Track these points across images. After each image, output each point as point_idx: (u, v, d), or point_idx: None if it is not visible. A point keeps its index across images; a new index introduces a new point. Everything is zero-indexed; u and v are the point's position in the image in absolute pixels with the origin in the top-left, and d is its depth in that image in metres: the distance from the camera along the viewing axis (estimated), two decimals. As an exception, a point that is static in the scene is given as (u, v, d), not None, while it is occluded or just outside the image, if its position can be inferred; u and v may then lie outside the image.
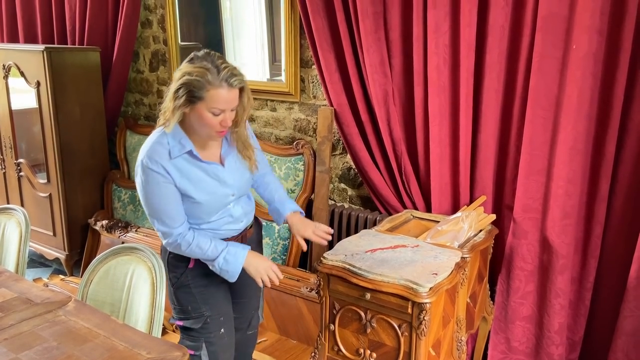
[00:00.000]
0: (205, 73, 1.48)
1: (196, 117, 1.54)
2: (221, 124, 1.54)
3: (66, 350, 1.39)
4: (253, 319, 1.99)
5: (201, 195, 1.62)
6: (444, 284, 1.62)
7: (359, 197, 2.81)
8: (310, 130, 2.88)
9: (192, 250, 1.63)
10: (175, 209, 1.60)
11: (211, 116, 1.52)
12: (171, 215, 1.60)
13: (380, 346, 1.67)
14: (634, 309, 1.99)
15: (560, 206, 2.02)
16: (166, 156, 1.57)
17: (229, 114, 1.54)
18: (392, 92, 2.35)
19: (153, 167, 1.55)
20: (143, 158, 1.57)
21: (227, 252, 1.64)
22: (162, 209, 1.60)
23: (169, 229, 1.60)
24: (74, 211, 3.30)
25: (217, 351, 1.75)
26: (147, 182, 1.57)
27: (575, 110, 1.91)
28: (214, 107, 1.50)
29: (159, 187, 1.57)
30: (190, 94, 1.49)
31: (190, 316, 1.73)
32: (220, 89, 1.49)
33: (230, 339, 1.82)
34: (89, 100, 3.28)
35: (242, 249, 1.67)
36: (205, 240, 1.64)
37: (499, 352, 2.28)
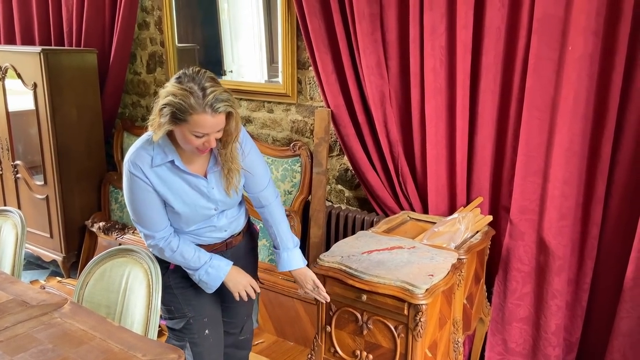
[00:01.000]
0: (188, 97, 1.42)
1: (180, 136, 1.51)
2: (204, 145, 1.51)
3: (62, 352, 1.39)
4: (246, 324, 1.98)
5: (180, 206, 1.61)
6: (440, 285, 1.62)
7: (356, 198, 2.81)
8: (307, 131, 2.88)
9: (174, 257, 1.64)
10: (157, 214, 1.61)
11: (194, 138, 1.48)
12: (153, 220, 1.61)
13: (376, 348, 1.67)
14: (631, 309, 1.99)
15: (557, 207, 2.02)
16: (148, 162, 1.55)
17: (213, 135, 1.50)
18: (389, 94, 2.36)
19: (134, 172, 1.55)
20: (127, 162, 1.57)
21: (209, 266, 1.66)
22: (144, 212, 1.60)
23: (150, 232, 1.61)
24: (70, 213, 3.30)
25: (202, 352, 1.76)
26: (130, 185, 1.57)
27: (571, 112, 1.91)
28: (196, 131, 1.46)
29: (141, 192, 1.57)
30: (174, 115, 1.45)
31: (174, 316, 1.74)
32: (204, 114, 1.44)
33: (217, 340, 1.81)
34: (86, 102, 3.28)
35: (225, 264, 1.69)
36: (189, 249, 1.64)
37: (496, 354, 2.28)
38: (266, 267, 2.68)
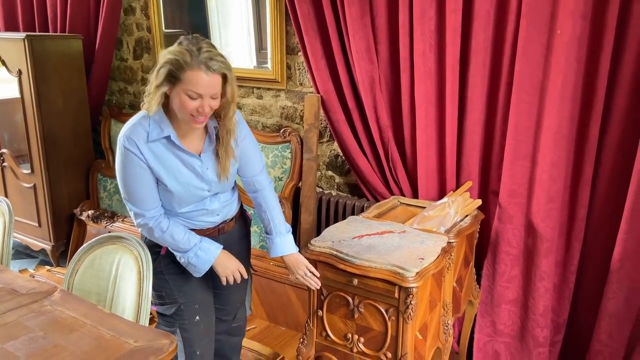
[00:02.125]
0: (184, 54, 1.44)
1: (175, 101, 1.50)
2: (198, 110, 1.49)
3: (52, 340, 1.38)
4: (239, 311, 1.98)
5: (174, 185, 1.61)
6: (430, 268, 1.64)
7: (347, 184, 2.81)
8: (297, 117, 2.87)
9: (164, 238, 1.63)
10: (149, 192, 1.60)
11: (188, 100, 1.47)
12: (144, 198, 1.60)
13: (367, 331, 1.68)
14: (617, 290, 2.03)
15: (545, 190, 2.04)
16: (144, 138, 1.54)
17: (207, 100, 1.49)
18: (379, 79, 2.35)
19: (129, 147, 1.54)
20: (121, 137, 1.56)
21: (199, 248, 1.65)
22: (136, 189, 1.59)
23: (141, 210, 1.61)
24: (58, 201, 3.27)
25: (191, 338, 1.76)
26: (123, 161, 1.56)
27: (560, 95, 1.92)
28: (191, 90, 1.46)
29: (134, 168, 1.56)
30: (169, 74, 1.46)
31: (164, 302, 1.74)
32: (198, 71, 1.44)
33: (208, 326, 1.82)
34: (72, 89, 3.23)
35: (215, 248, 1.68)
36: (179, 230, 1.64)
37: (485, 335, 2.31)
38: (258, 254, 2.68)
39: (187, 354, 1.76)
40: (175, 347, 1.37)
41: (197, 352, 1.79)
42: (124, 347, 1.35)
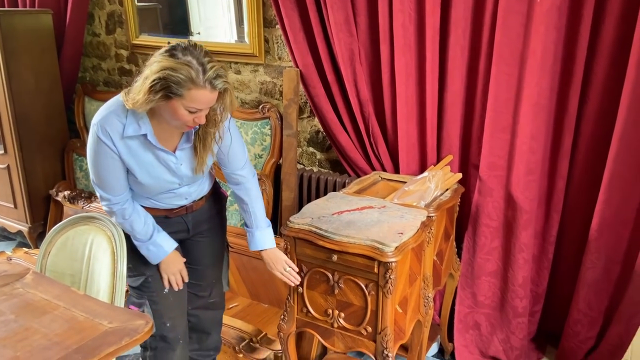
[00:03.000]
0: (189, 71, 1.37)
1: (169, 111, 1.44)
2: (194, 121, 1.47)
3: (24, 323, 1.35)
4: (215, 288, 1.97)
5: (145, 178, 1.59)
6: (410, 242, 1.63)
7: (328, 160, 2.78)
8: (277, 93, 2.81)
9: (123, 224, 1.65)
10: (117, 180, 1.58)
11: (186, 113, 1.43)
12: (113, 186, 1.58)
13: (348, 306, 1.68)
14: (596, 260, 2.05)
15: (524, 162, 2.04)
16: (119, 131, 1.50)
17: (204, 111, 1.47)
18: (358, 51, 2.30)
19: (102, 138, 1.50)
20: (96, 124, 1.51)
21: (151, 243, 1.66)
22: (105, 177, 1.57)
23: (107, 195, 1.60)
24: (34, 182, 3.19)
25: (160, 310, 1.76)
26: (95, 149, 1.53)
27: (539, 66, 1.90)
28: (191, 107, 1.42)
29: (105, 158, 1.53)
30: (168, 90, 1.39)
31: (132, 274, 1.73)
32: (203, 89, 1.39)
33: (178, 299, 1.81)
34: (43, 66, 3.12)
35: (168, 246, 1.69)
36: (139, 221, 1.64)
37: (466, 307, 2.33)
38: (238, 232, 2.66)
39: (156, 325, 1.75)
40: (151, 328, 1.34)
41: (166, 324, 1.78)
42: (98, 329, 1.33)
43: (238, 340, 2.22)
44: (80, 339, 1.28)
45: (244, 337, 2.24)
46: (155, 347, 1.79)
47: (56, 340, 1.28)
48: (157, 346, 1.79)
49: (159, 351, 1.80)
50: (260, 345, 2.21)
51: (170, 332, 1.79)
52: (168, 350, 1.81)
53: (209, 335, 2.02)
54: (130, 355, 2.38)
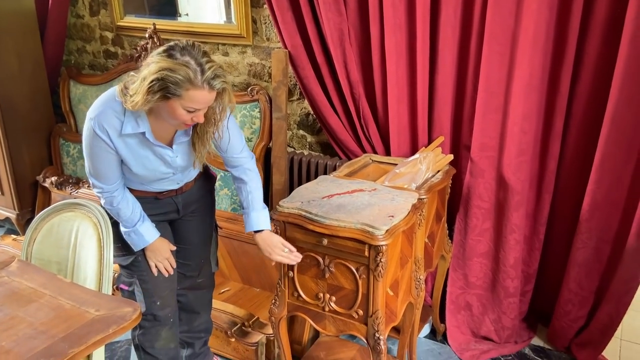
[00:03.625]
0: (187, 71, 1.37)
1: (167, 110, 1.45)
2: (192, 119, 1.48)
3: (9, 312, 1.33)
4: (203, 268, 1.97)
5: (140, 170, 1.61)
6: (401, 225, 1.61)
7: (319, 143, 2.75)
8: (266, 75, 2.76)
9: (111, 210, 1.66)
10: (111, 172, 1.59)
11: (185, 113, 1.44)
12: (106, 176, 1.60)
13: (339, 289, 1.67)
14: (587, 240, 2.05)
15: (516, 143, 2.02)
16: (117, 128, 1.50)
17: (203, 110, 1.47)
18: (348, 31, 2.25)
19: (99, 133, 1.50)
20: (92, 119, 1.50)
21: (133, 232, 1.67)
22: (99, 168, 1.58)
23: (100, 184, 1.61)
24: (20, 168, 3.14)
25: (150, 289, 1.77)
26: (90, 142, 1.53)
27: (531, 45, 1.87)
28: (190, 107, 1.42)
29: (100, 151, 1.54)
30: (167, 90, 1.38)
31: (122, 253, 1.73)
32: (201, 90, 1.40)
33: (167, 278, 1.80)
34: (26, 49, 3.05)
35: (148, 237, 1.68)
36: (126, 210, 1.65)
37: (457, 288, 2.34)
38: (229, 217, 2.64)
39: (147, 304, 1.77)
40: (139, 315, 1.33)
41: (157, 303, 1.79)
42: (84, 317, 1.31)
43: (230, 324, 2.22)
44: (67, 328, 1.26)
45: (236, 321, 2.23)
46: (145, 325, 1.80)
47: (42, 329, 1.26)
48: (147, 325, 1.80)
49: (148, 329, 1.81)
50: (252, 330, 2.20)
51: (160, 311, 1.80)
52: (157, 328, 1.82)
53: (198, 315, 2.02)
54: (121, 341, 2.38)
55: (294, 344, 2.19)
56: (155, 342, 1.83)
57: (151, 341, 1.83)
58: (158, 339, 1.83)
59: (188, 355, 2.08)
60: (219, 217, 1.98)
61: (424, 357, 2.29)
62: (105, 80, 3.08)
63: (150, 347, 1.84)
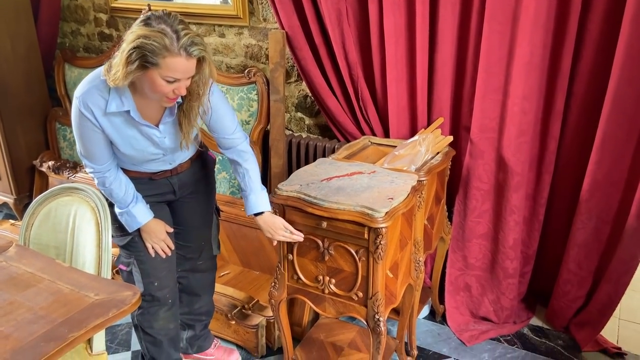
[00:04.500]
0: (162, 38, 1.34)
1: (148, 82, 1.42)
2: (174, 92, 1.44)
3: (8, 297, 1.32)
4: (204, 250, 1.96)
5: (128, 150, 1.59)
6: (400, 207, 1.60)
7: (317, 125, 2.73)
8: (263, 56, 2.73)
9: (104, 191, 1.65)
10: (101, 151, 1.58)
11: (164, 83, 1.41)
12: (96, 156, 1.58)
13: (338, 272, 1.67)
14: (586, 220, 2.05)
15: (516, 124, 2.00)
16: (101, 107, 1.48)
17: (183, 82, 1.44)
18: (346, 11, 2.22)
19: (84, 112, 1.49)
20: (78, 97, 1.49)
21: (127, 213, 1.66)
22: (89, 148, 1.57)
23: (91, 164, 1.61)
24: (16, 153, 3.12)
25: (147, 269, 1.77)
26: (78, 122, 1.52)
27: (532, 23, 1.84)
28: (168, 76, 1.39)
29: (87, 131, 1.52)
30: (144, 59, 1.36)
31: (119, 234, 1.73)
32: (178, 57, 1.37)
33: (166, 261, 1.80)
34: (19, 32, 3.00)
35: (141, 219, 1.67)
36: (119, 191, 1.64)
37: (457, 270, 2.34)
38: (227, 200, 2.63)
39: (145, 284, 1.77)
40: (138, 299, 1.32)
41: (154, 283, 1.79)
42: (84, 301, 1.31)
43: (230, 307, 2.22)
44: (66, 312, 1.26)
45: (236, 304, 2.24)
46: (143, 305, 1.80)
47: (41, 313, 1.26)
48: (145, 305, 1.80)
49: (146, 309, 1.82)
50: (252, 312, 2.21)
51: (158, 291, 1.81)
52: (156, 309, 1.83)
53: (199, 298, 2.03)
54: (122, 325, 2.39)
55: (294, 326, 2.20)
56: (154, 322, 1.84)
57: (150, 321, 1.84)
58: (157, 319, 1.84)
59: (189, 337, 2.09)
60: (217, 200, 1.97)
61: (424, 338, 2.30)
62: (101, 62, 3.03)
63: (149, 327, 1.85)
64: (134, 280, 1.76)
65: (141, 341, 1.89)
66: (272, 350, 2.23)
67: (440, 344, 2.27)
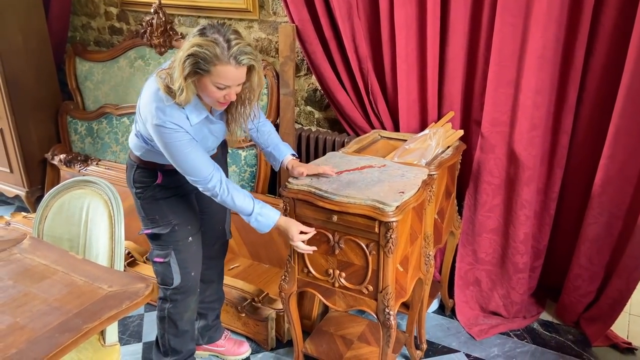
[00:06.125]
0: (214, 47, 1.42)
1: (201, 88, 1.51)
2: (225, 98, 1.52)
3: (22, 288, 1.34)
4: (220, 234, 2.00)
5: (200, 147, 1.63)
6: (411, 201, 1.60)
7: (327, 119, 2.73)
8: (272, 50, 2.73)
9: (224, 201, 1.61)
10: (202, 158, 1.57)
11: (215, 89, 1.49)
12: (201, 167, 1.56)
13: (349, 266, 1.67)
14: (598, 215, 2.04)
15: (528, 118, 1.99)
16: (186, 122, 1.53)
17: (234, 89, 1.51)
18: (356, 4, 2.21)
19: (173, 128, 1.51)
20: (160, 122, 1.50)
21: (259, 214, 1.65)
22: (191, 162, 1.55)
23: (203, 178, 1.57)
24: (28, 146, 3.15)
25: (186, 259, 1.79)
26: (170, 140, 1.52)
27: (545, 16, 1.82)
28: (219, 83, 1.47)
29: (182, 144, 1.53)
30: (197, 66, 1.44)
31: (159, 224, 1.74)
32: (228, 65, 1.44)
33: (198, 248, 1.84)
34: (30, 25, 3.02)
35: (274, 214, 1.67)
36: (239, 196, 1.62)
37: (466, 264, 2.34)
38: (237, 193, 2.63)
39: (182, 275, 1.79)
40: (151, 291, 1.34)
41: (191, 273, 1.81)
42: (97, 293, 1.32)
43: (240, 300, 2.24)
44: (80, 304, 1.28)
45: (246, 297, 2.25)
46: (177, 299, 1.82)
47: (56, 305, 1.27)
48: (179, 298, 1.82)
49: (179, 302, 1.83)
50: (262, 305, 2.23)
51: (194, 282, 1.84)
52: (189, 299, 1.85)
53: (212, 284, 2.05)
54: (133, 317, 2.41)
55: (304, 319, 2.21)
56: (185, 313, 1.87)
57: (181, 313, 1.86)
58: (187, 310, 1.87)
59: (201, 327, 2.11)
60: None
61: (433, 332, 2.31)
62: (111, 56, 3.05)
63: (180, 319, 1.87)
64: (171, 272, 1.77)
65: (165, 333, 1.90)
66: (282, 343, 2.24)
67: (449, 338, 2.27)
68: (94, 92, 3.16)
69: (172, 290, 1.81)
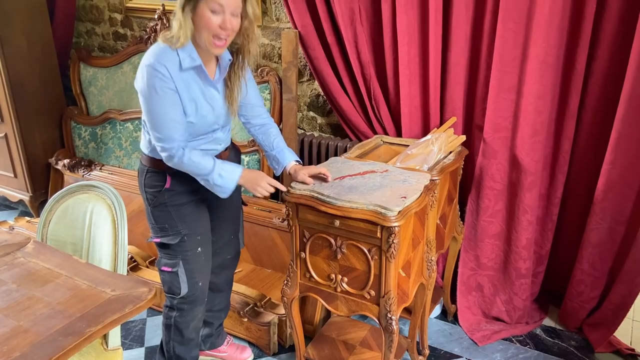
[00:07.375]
0: None
1: (198, 20, 1.51)
2: (221, 27, 1.50)
3: (26, 292, 1.35)
4: (232, 243, 1.99)
5: (193, 115, 1.61)
6: (413, 207, 1.61)
7: (329, 125, 2.74)
8: (275, 56, 2.74)
9: (183, 162, 1.59)
10: (177, 116, 1.57)
11: (211, 15, 1.49)
12: (174, 125, 1.56)
13: (350, 270, 1.67)
14: (600, 221, 2.04)
15: (530, 123, 2.00)
16: (176, 64, 1.54)
17: (229, 17, 1.50)
18: (359, 11, 2.22)
19: (159, 69, 1.51)
20: (150, 62, 1.52)
21: (221, 169, 1.63)
22: (165, 114, 1.54)
23: (169, 137, 1.56)
24: (32, 151, 3.16)
25: (193, 269, 1.77)
26: (152, 85, 1.52)
27: (547, 21, 1.83)
28: (214, 6, 1.47)
29: (164, 93, 1.53)
30: None
31: (168, 233, 1.73)
32: None
33: (208, 258, 1.83)
34: (35, 31, 3.04)
35: (236, 167, 1.67)
36: (197, 157, 1.61)
37: (469, 269, 2.34)
38: (240, 198, 2.64)
39: (189, 285, 1.77)
40: (153, 295, 1.34)
41: (199, 283, 1.80)
42: (101, 297, 1.33)
43: (242, 305, 2.24)
44: (84, 307, 1.28)
45: (249, 302, 2.25)
46: (183, 308, 1.81)
47: (59, 308, 1.28)
48: (186, 307, 1.81)
49: (186, 311, 1.82)
50: (265, 310, 2.23)
51: (201, 292, 1.82)
52: (196, 309, 1.85)
53: (221, 294, 2.05)
54: (136, 321, 2.41)
55: (306, 324, 2.21)
56: (191, 322, 1.86)
57: (188, 322, 1.85)
58: (194, 319, 1.86)
59: (204, 334, 2.10)
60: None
61: (435, 338, 2.30)
62: (115, 62, 3.07)
63: (186, 328, 1.86)
64: (179, 281, 1.75)
65: (170, 340, 1.89)
66: (284, 348, 2.24)
67: (451, 344, 2.27)
68: (98, 97, 3.18)
69: (179, 300, 1.79)
